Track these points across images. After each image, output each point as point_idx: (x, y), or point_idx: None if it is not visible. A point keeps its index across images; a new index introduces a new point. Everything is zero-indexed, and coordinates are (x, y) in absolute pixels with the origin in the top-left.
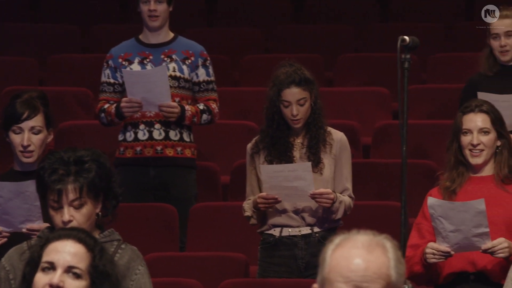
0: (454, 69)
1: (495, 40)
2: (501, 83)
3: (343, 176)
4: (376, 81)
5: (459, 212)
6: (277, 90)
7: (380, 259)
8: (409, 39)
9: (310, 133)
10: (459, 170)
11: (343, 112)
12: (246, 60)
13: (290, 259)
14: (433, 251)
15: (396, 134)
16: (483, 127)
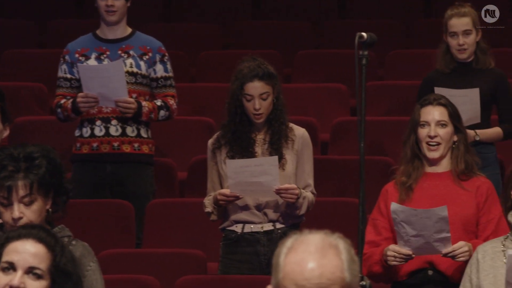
0: (411, 66)
1: (453, 38)
2: (457, 80)
3: (305, 172)
4: (334, 77)
5: (422, 218)
6: (240, 83)
7: (334, 262)
8: (366, 36)
9: (272, 129)
10: (415, 164)
11: (301, 109)
12: (204, 56)
13: (252, 256)
14: (394, 254)
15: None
16: (441, 120)
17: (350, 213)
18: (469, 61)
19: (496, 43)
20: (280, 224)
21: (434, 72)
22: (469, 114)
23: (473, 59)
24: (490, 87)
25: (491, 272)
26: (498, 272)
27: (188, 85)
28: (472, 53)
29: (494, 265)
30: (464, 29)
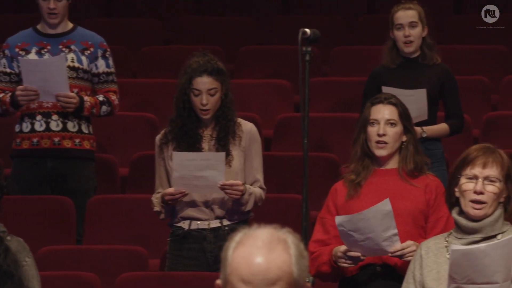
0: (355, 62)
1: (399, 30)
2: (403, 76)
3: (253, 168)
4: (278, 73)
5: (368, 219)
6: (188, 78)
7: (282, 257)
8: (310, 32)
9: (219, 125)
10: (365, 162)
11: (244, 105)
12: (145, 52)
13: (199, 252)
14: (343, 256)
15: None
16: (390, 119)
17: (293, 210)
18: (415, 57)
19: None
20: (227, 220)
21: (380, 68)
22: (416, 112)
23: (419, 54)
24: (437, 83)
25: (435, 268)
26: (441, 268)
27: (130, 80)
28: (418, 47)
29: (437, 261)
30: (410, 20)
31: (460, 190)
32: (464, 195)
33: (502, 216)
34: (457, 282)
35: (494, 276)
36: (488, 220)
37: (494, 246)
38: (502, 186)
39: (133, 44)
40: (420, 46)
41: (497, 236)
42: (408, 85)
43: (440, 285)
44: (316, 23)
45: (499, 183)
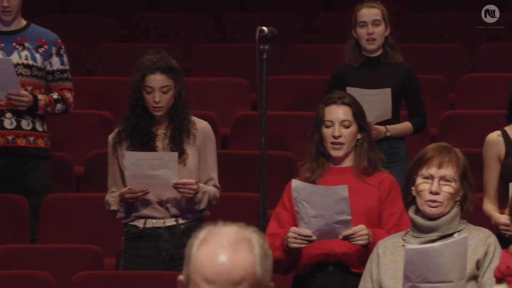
0: (312, 60)
1: (362, 28)
2: (366, 75)
3: (208, 166)
4: (235, 71)
5: (322, 196)
6: (141, 75)
7: (246, 257)
8: (267, 30)
9: (173, 123)
10: (320, 161)
11: (201, 103)
12: (100, 49)
13: (154, 251)
14: (295, 235)
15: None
16: (345, 120)
17: (251, 208)
18: (378, 56)
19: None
20: (183, 219)
21: (343, 67)
22: (380, 111)
23: (381, 53)
24: (399, 82)
25: (392, 267)
26: (398, 266)
27: (85, 78)
28: (380, 45)
29: (394, 259)
30: (374, 18)
31: (417, 190)
32: (420, 195)
33: (458, 214)
34: (412, 281)
35: (449, 275)
36: (445, 219)
37: (448, 244)
38: (458, 186)
39: (88, 41)
40: (383, 45)
41: (454, 234)
42: (371, 84)
43: (397, 284)
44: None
45: (454, 183)
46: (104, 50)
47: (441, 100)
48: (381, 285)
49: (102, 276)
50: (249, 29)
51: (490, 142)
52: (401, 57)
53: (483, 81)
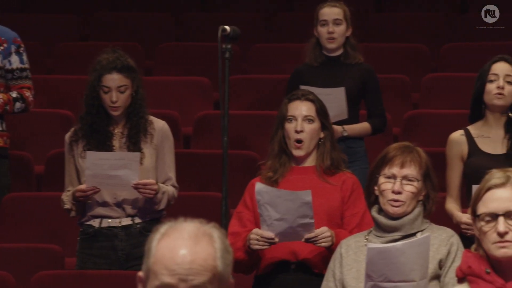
0: (275, 59)
1: (323, 27)
2: (326, 74)
3: (166, 165)
4: (197, 70)
5: (286, 200)
6: (97, 75)
7: (207, 250)
8: (230, 29)
9: (130, 122)
10: (282, 159)
11: (163, 102)
12: (61, 48)
13: (110, 251)
14: (257, 237)
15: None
16: (308, 115)
17: (213, 207)
18: (338, 56)
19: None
20: (139, 218)
21: (303, 66)
22: (335, 111)
23: (341, 53)
24: (359, 82)
25: (354, 266)
26: (361, 266)
27: (45, 77)
28: (340, 45)
29: (357, 259)
30: (335, 17)
31: (379, 189)
32: (383, 194)
33: (421, 214)
34: (374, 280)
35: (411, 274)
36: (408, 218)
37: (410, 244)
38: (421, 185)
39: (48, 40)
40: (343, 45)
41: (417, 234)
42: (330, 83)
43: (360, 283)
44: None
45: (417, 182)
46: (64, 49)
47: (404, 99)
48: (344, 285)
49: (63, 276)
50: (212, 28)
51: (453, 142)
52: (361, 58)
53: (446, 81)
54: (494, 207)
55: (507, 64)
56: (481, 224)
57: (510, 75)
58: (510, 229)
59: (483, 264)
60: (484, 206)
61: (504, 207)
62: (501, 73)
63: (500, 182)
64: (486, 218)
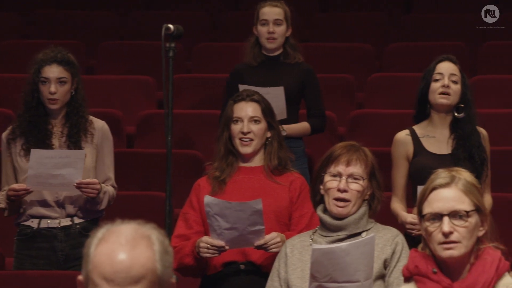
0: (219, 58)
1: (264, 26)
2: (265, 74)
3: (105, 166)
4: (141, 69)
5: (236, 211)
6: (37, 68)
7: (145, 254)
8: (173, 28)
9: (70, 121)
10: (229, 160)
11: (106, 101)
12: (3, 46)
13: (49, 251)
14: (207, 245)
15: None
16: (254, 116)
17: (157, 207)
18: (277, 55)
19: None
20: (79, 218)
21: (242, 65)
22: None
23: (281, 53)
24: (298, 82)
25: (299, 266)
26: (306, 266)
27: None
28: (280, 45)
29: (302, 259)
30: (276, 18)
31: (325, 188)
32: (328, 193)
33: (366, 213)
34: (319, 281)
35: (356, 275)
36: (353, 218)
37: (355, 244)
38: (366, 184)
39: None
40: (283, 45)
41: (362, 233)
42: (270, 83)
43: (305, 283)
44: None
45: (363, 181)
46: (6, 47)
47: (349, 99)
48: (289, 284)
49: (2, 276)
50: (156, 27)
51: (399, 141)
52: (301, 57)
53: (391, 81)
54: (438, 207)
55: (452, 63)
56: (426, 224)
57: (455, 74)
58: (455, 229)
59: (430, 264)
60: (429, 206)
61: (449, 207)
62: (446, 72)
63: (445, 182)
64: (431, 218)
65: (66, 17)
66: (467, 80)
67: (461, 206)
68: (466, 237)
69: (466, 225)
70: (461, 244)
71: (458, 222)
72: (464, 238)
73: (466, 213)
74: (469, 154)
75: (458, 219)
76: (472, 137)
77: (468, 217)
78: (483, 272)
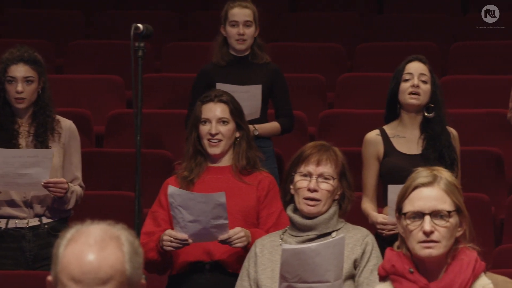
0: (188, 58)
1: (233, 27)
2: (233, 74)
3: (73, 165)
4: (110, 69)
5: (199, 203)
6: (3, 67)
7: (114, 255)
8: (142, 27)
9: (37, 121)
10: (198, 160)
11: (75, 100)
12: None
13: (17, 252)
14: (170, 238)
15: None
16: (222, 117)
17: (126, 207)
18: (246, 55)
19: (278, 38)
20: (47, 218)
21: (210, 65)
22: (249, 109)
23: (249, 53)
24: (267, 82)
25: (269, 266)
26: (276, 266)
27: None
28: (249, 46)
29: (272, 259)
30: (246, 19)
31: (295, 188)
32: (298, 193)
33: (336, 213)
34: (288, 281)
35: (326, 275)
36: (323, 218)
37: (325, 245)
38: (336, 184)
39: None
40: (251, 45)
41: (332, 233)
42: (239, 83)
43: (275, 283)
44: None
45: (333, 180)
46: None
47: (320, 99)
48: (258, 284)
49: None
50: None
51: (369, 141)
52: (269, 58)
53: (362, 81)
54: (420, 206)
55: (421, 63)
56: (406, 222)
57: (425, 74)
58: (436, 228)
59: (406, 263)
60: (411, 204)
61: (431, 206)
62: (415, 72)
63: (427, 181)
64: (412, 217)
65: (34, 16)
66: (437, 80)
67: (443, 206)
68: (446, 237)
69: (447, 225)
70: (441, 244)
71: (439, 222)
72: (444, 238)
73: (448, 213)
74: (439, 154)
75: (439, 218)
76: (442, 137)
77: (449, 217)
78: (459, 273)
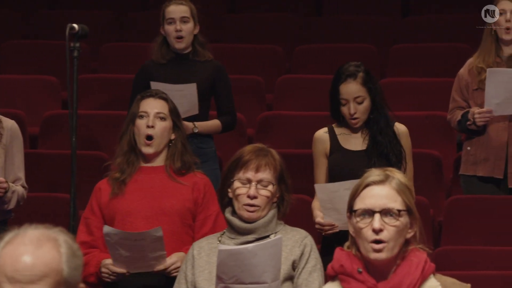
0: (126, 58)
1: (171, 25)
2: (174, 71)
3: (15, 166)
4: (45, 69)
5: (136, 241)
6: None
7: (50, 254)
8: (78, 27)
9: None
10: (131, 158)
11: (9, 101)
12: None
13: None
14: (109, 272)
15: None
16: (160, 112)
17: (61, 209)
18: (187, 53)
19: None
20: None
21: (150, 62)
22: (186, 107)
23: (190, 51)
24: (208, 79)
25: (207, 268)
26: (213, 268)
27: None
28: (189, 43)
29: (209, 261)
30: (182, 15)
31: (234, 193)
32: (238, 199)
33: (275, 216)
34: (225, 282)
35: (263, 276)
36: (262, 221)
37: (262, 246)
38: (275, 189)
39: None
40: (192, 43)
41: (270, 236)
42: (180, 79)
43: (212, 285)
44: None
45: (272, 186)
46: None
47: (258, 100)
48: (196, 287)
49: None
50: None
51: (317, 139)
52: (211, 55)
53: (300, 82)
54: (371, 204)
55: (354, 83)
56: (356, 220)
57: (359, 96)
58: (385, 227)
59: (355, 263)
60: (361, 202)
61: (381, 204)
62: (349, 97)
63: (379, 179)
64: (362, 214)
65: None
66: (376, 83)
67: (393, 204)
68: (394, 237)
69: (396, 224)
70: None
71: (389, 220)
72: (392, 238)
73: (398, 212)
74: (383, 151)
75: (389, 217)
76: (385, 133)
77: (399, 216)
78: (408, 273)
